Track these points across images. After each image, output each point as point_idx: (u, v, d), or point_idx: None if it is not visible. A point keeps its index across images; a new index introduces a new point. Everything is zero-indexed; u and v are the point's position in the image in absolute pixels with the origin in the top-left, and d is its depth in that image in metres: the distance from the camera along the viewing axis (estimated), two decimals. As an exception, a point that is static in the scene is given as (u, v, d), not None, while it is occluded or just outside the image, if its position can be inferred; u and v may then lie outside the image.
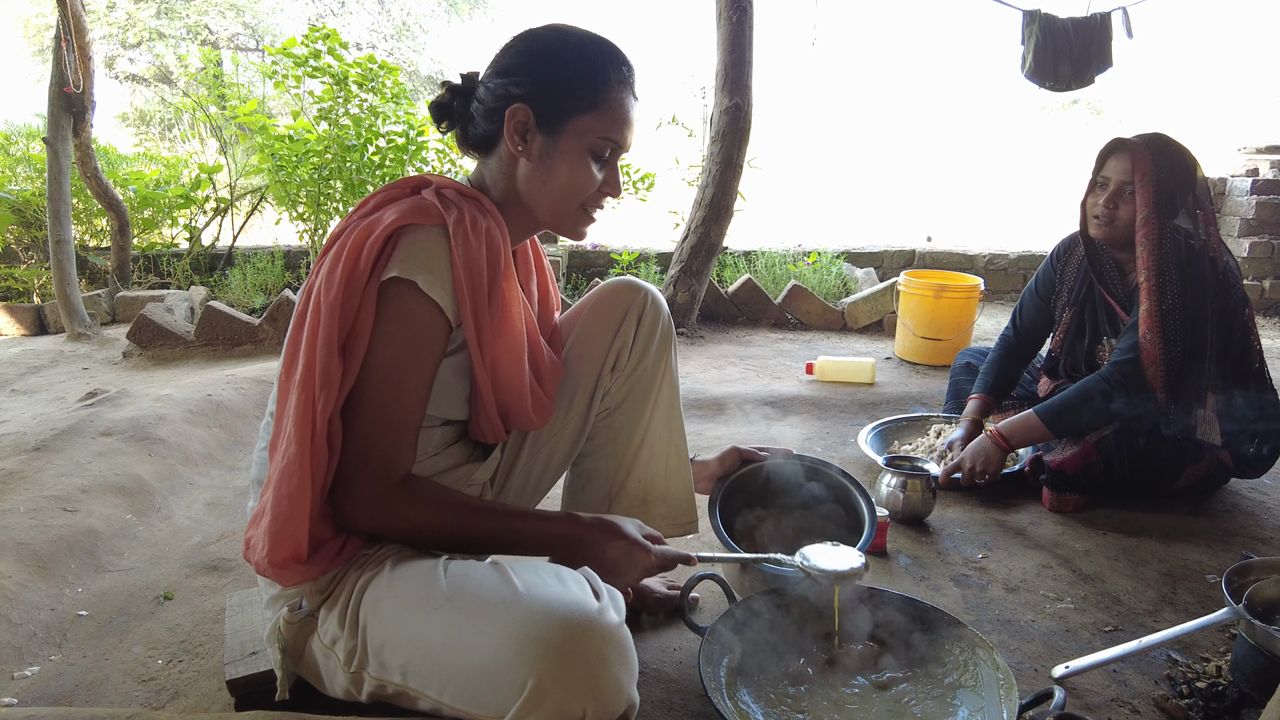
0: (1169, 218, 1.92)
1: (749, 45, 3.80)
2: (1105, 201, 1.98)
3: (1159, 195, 1.91)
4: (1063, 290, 2.25)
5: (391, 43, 11.74)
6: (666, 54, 17.09)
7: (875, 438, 2.39)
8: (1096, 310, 2.15)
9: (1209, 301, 1.90)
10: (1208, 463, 2.00)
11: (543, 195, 1.14)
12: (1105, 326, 2.13)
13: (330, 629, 1.05)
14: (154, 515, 1.99)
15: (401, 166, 4.25)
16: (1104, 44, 4.38)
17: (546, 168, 1.12)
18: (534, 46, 1.13)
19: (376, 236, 1.01)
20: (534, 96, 1.09)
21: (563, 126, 1.10)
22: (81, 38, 3.89)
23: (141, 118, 9.85)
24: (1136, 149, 1.95)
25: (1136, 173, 1.94)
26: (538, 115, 1.10)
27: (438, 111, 1.19)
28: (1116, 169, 1.98)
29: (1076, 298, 2.20)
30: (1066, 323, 2.22)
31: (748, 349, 3.83)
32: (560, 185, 1.13)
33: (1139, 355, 1.90)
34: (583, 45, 1.12)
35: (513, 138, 1.11)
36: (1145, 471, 1.99)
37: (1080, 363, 2.20)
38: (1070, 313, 2.21)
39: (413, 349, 1.03)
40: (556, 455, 1.39)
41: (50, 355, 3.66)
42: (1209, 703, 1.27)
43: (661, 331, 1.38)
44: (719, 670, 1.23)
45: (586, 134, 1.11)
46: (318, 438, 0.98)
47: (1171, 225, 1.93)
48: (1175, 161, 1.94)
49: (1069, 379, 2.23)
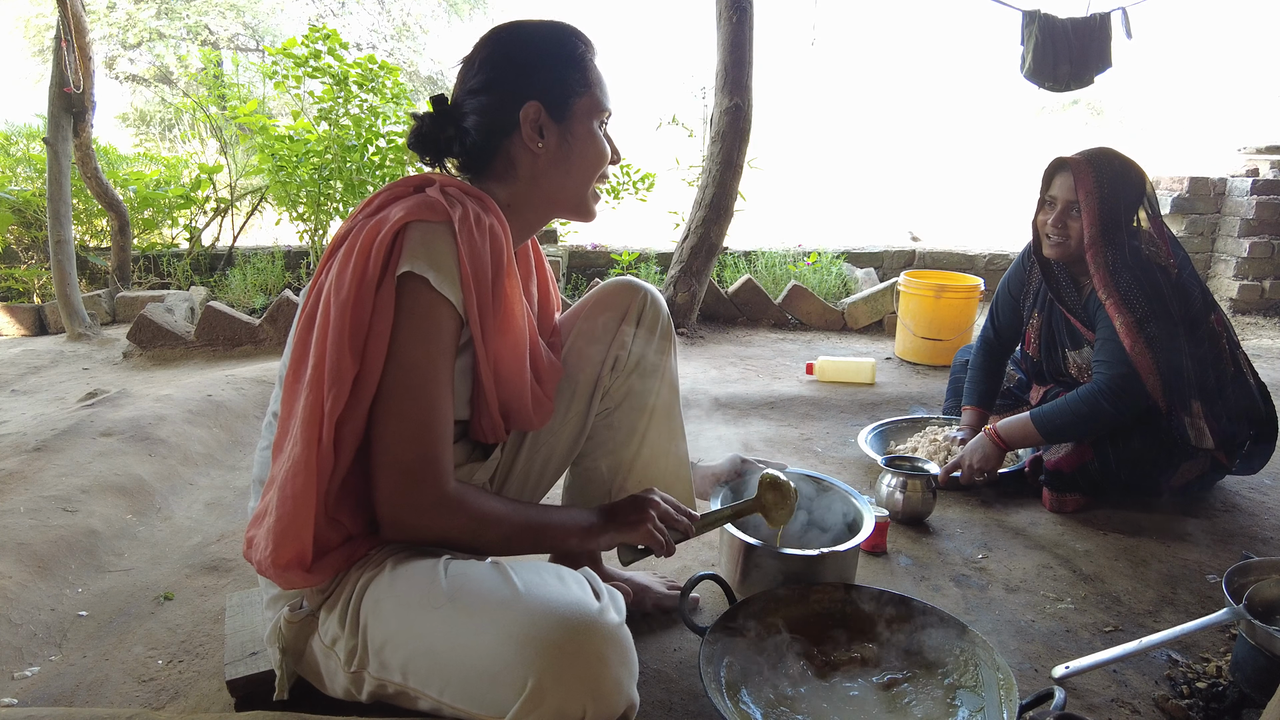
0: (1116, 232, 1.93)
1: (749, 45, 3.80)
2: (1054, 222, 2.00)
3: (1103, 212, 1.92)
4: (1028, 291, 2.26)
5: (391, 43, 11.75)
6: (666, 54, 17.10)
7: (875, 438, 2.39)
8: (1058, 321, 2.17)
9: (1172, 308, 1.91)
10: (1202, 460, 2.00)
11: (569, 181, 1.18)
12: (1065, 338, 2.15)
13: (331, 629, 1.05)
14: (154, 515, 1.99)
15: (401, 167, 4.25)
16: (1103, 44, 4.38)
17: (566, 154, 1.16)
18: (511, 49, 1.15)
19: (385, 234, 1.01)
20: (539, 92, 1.12)
21: (570, 111, 1.15)
22: (81, 38, 3.89)
23: (141, 118, 9.86)
24: (1079, 167, 1.96)
25: (1080, 190, 1.94)
26: (548, 108, 1.13)
27: (420, 143, 1.17)
28: (1061, 187, 1.99)
29: (1042, 303, 2.22)
30: (1037, 328, 2.24)
31: (748, 349, 3.83)
32: (584, 165, 1.18)
33: (1132, 369, 1.90)
34: (551, 32, 1.17)
35: (532, 138, 1.13)
36: (1141, 471, 1.99)
37: (1053, 369, 2.23)
38: (1039, 318, 2.23)
39: (437, 346, 1.04)
40: (556, 454, 1.39)
41: (50, 355, 3.66)
42: (1209, 703, 1.27)
43: (661, 331, 1.39)
44: (719, 670, 1.23)
45: (590, 111, 1.16)
46: (325, 438, 0.98)
47: (1120, 239, 1.93)
48: (1118, 177, 1.94)
49: (1055, 383, 2.26)
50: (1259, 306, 4.92)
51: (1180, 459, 1.98)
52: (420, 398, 1.02)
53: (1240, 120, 5.12)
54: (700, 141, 5.83)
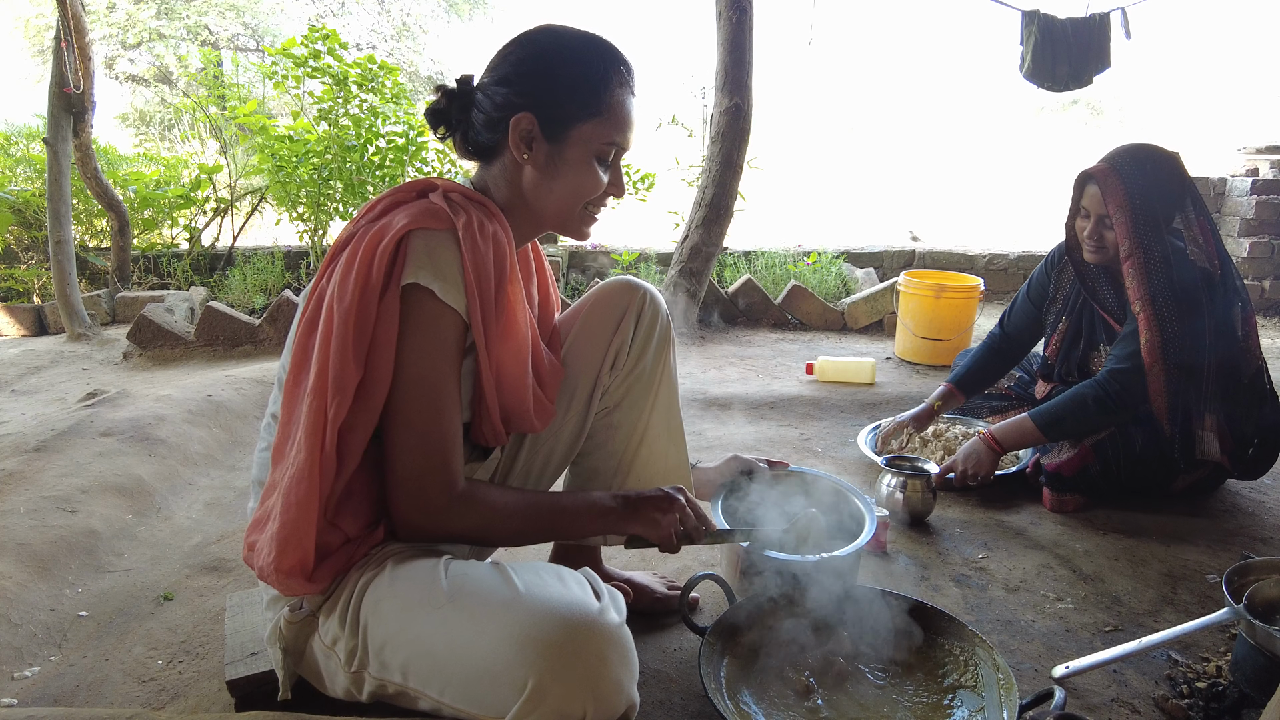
0: (1154, 241, 1.89)
1: (749, 45, 3.80)
2: (1089, 234, 1.99)
3: (1136, 224, 1.89)
4: (1057, 298, 2.24)
5: (391, 43, 11.75)
6: (666, 54, 17.10)
7: (875, 438, 2.39)
8: (1094, 321, 2.15)
9: (1206, 323, 1.89)
10: (1204, 466, 2.00)
11: (549, 201, 1.14)
12: (1101, 335, 2.14)
13: (331, 629, 1.05)
14: (154, 516, 1.99)
15: (401, 167, 4.25)
16: (1102, 44, 4.38)
17: (552, 175, 1.12)
18: (533, 53, 1.12)
19: (387, 242, 1.01)
20: (537, 106, 1.09)
21: (567, 134, 1.10)
22: (81, 38, 3.89)
23: (141, 118, 9.86)
24: (1105, 179, 1.92)
25: (1110, 205, 1.91)
26: (542, 124, 1.10)
27: (434, 118, 1.18)
28: (1092, 200, 1.97)
29: (1073, 307, 2.19)
30: (1062, 331, 2.22)
31: (748, 349, 3.83)
32: (566, 191, 1.13)
33: (1137, 364, 1.89)
34: (582, 49, 1.12)
35: (518, 147, 1.11)
36: (1142, 474, 1.99)
37: (1074, 369, 2.20)
38: (1066, 322, 2.21)
39: (444, 357, 1.04)
40: (556, 454, 1.39)
41: (50, 356, 3.66)
42: (1209, 703, 1.27)
43: (660, 330, 1.39)
44: (719, 670, 1.23)
45: (591, 140, 1.11)
46: (328, 445, 0.99)
47: (1158, 248, 1.89)
48: (1151, 184, 1.90)
49: (1064, 384, 2.23)
50: (1259, 306, 4.93)
51: (1183, 467, 1.98)
52: (429, 408, 1.03)
53: (1240, 120, 5.11)
54: (700, 141, 5.82)
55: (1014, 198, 9.29)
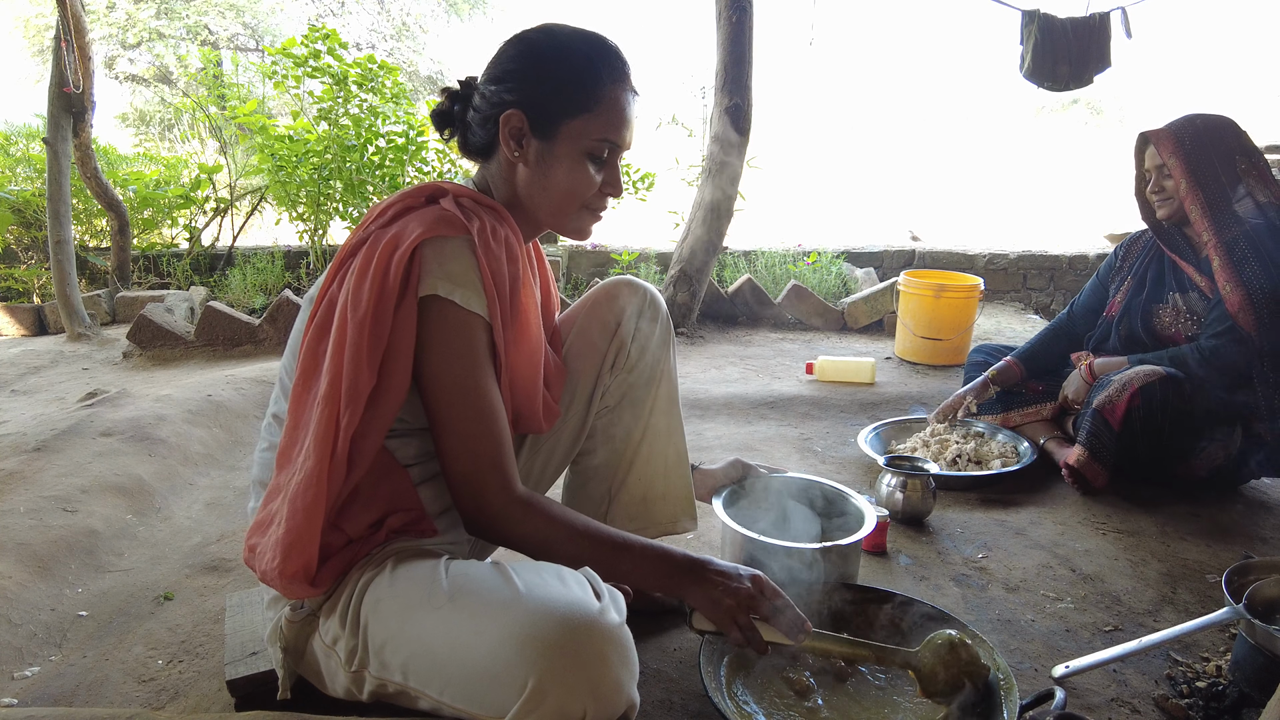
0: (1213, 180, 2.01)
1: (749, 45, 3.80)
2: (1152, 188, 2.12)
3: (1192, 164, 2.02)
4: (1123, 268, 2.33)
5: (391, 43, 11.75)
6: (666, 54, 17.08)
7: (875, 438, 2.39)
8: (1163, 271, 2.20)
9: None
10: (1228, 449, 2.01)
11: (542, 199, 1.14)
12: (1172, 283, 2.18)
13: (331, 628, 1.05)
14: (154, 515, 1.99)
15: (401, 167, 4.25)
16: (1103, 44, 4.38)
17: (544, 172, 1.12)
18: (524, 50, 1.12)
19: (403, 252, 1.00)
20: (526, 102, 1.09)
21: (557, 131, 1.10)
22: (81, 38, 3.89)
23: (141, 118, 9.87)
24: (1157, 136, 2.09)
25: (1163, 153, 2.07)
26: (531, 121, 1.09)
27: (440, 119, 1.19)
28: (1149, 158, 2.13)
29: (1136, 270, 2.27)
30: (1127, 286, 2.28)
31: (748, 349, 3.83)
32: (559, 189, 1.13)
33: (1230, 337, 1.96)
34: (574, 45, 1.11)
35: (508, 144, 1.11)
36: (1177, 434, 2.00)
37: (1136, 318, 2.21)
38: (1131, 281, 2.27)
39: (477, 362, 1.05)
40: (556, 454, 1.39)
41: (50, 355, 3.66)
42: (1209, 702, 1.27)
43: (660, 330, 1.39)
44: (719, 670, 1.24)
45: (582, 137, 1.10)
46: (339, 453, 0.99)
47: (1218, 187, 2.01)
48: (1201, 133, 2.04)
49: (1120, 343, 2.24)
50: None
51: (1204, 440, 2.01)
52: (471, 413, 1.04)
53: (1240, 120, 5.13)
54: (700, 141, 5.83)
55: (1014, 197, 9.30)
